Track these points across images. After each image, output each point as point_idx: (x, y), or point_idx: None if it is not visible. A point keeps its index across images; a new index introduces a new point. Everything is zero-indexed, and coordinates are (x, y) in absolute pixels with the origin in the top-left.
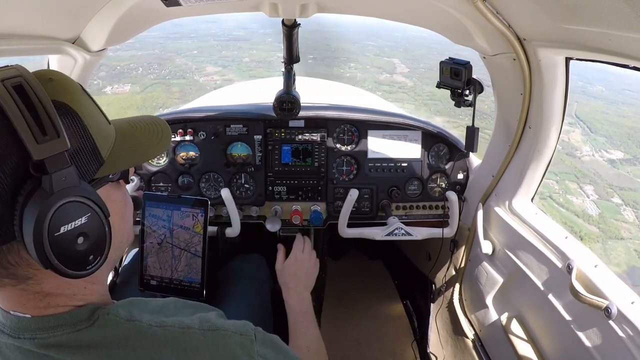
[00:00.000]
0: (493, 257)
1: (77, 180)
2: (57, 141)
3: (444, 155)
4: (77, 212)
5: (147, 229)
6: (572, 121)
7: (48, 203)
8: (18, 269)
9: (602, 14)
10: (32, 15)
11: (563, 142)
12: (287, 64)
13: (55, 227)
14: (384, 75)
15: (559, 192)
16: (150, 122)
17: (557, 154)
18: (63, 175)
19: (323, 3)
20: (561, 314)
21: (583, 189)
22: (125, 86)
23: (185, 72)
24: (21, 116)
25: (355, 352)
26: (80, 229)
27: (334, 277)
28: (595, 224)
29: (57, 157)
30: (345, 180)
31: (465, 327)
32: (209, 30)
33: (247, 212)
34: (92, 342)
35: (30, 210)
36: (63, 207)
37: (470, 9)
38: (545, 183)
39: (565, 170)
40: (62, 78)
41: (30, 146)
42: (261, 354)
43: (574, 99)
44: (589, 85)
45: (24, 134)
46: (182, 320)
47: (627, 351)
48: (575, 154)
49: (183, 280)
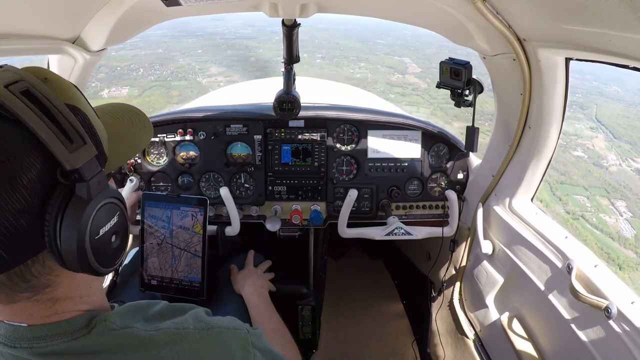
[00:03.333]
0: (493, 257)
1: (106, 182)
2: (86, 147)
3: (444, 155)
4: (111, 213)
5: (147, 229)
6: (594, 126)
7: (88, 210)
8: (40, 279)
9: (602, 14)
10: (32, 15)
11: (588, 150)
12: (287, 64)
13: (96, 231)
14: (395, 75)
15: (591, 211)
16: (125, 110)
17: (584, 164)
18: (97, 180)
19: (323, 3)
20: (561, 314)
21: (615, 205)
22: (123, 89)
23: (187, 73)
24: (44, 125)
25: (355, 352)
26: (115, 228)
27: (334, 277)
28: (632, 248)
29: (89, 163)
30: (345, 180)
31: (465, 327)
32: (215, 28)
33: (247, 211)
34: (91, 349)
35: (70, 218)
36: (101, 210)
37: (471, 9)
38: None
39: (594, 183)
40: (56, 77)
41: (62, 156)
42: (255, 346)
43: (592, 101)
44: (604, 85)
45: (52, 144)
46: (176, 322)
47: (627, 351)
48: (602, 163)
49: (183, 280)
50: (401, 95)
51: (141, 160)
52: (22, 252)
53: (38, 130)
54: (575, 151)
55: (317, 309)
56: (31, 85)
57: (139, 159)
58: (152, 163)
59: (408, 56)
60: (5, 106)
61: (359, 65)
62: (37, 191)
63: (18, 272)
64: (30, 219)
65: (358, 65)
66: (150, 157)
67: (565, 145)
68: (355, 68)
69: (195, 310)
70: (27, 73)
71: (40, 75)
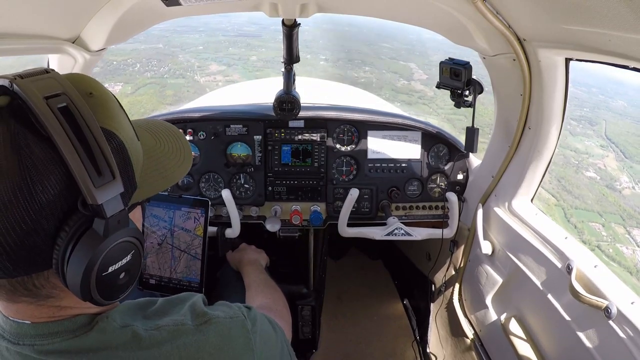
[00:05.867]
0: (493, 258)
1: (127, 220)
2: (113, 184)
3: (443, 156)
4: (124, 252)
5: (147, 230)
6: (604, 144)
7: (101, 247)
8: (42, 290)
9: (602, 14)
10: (32, 15)
11: (600, 171)
12: (287, 64)
13: (104, 268)
14: (401, 82)
15: (607, 240)
16: (170, 134)
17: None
18: (117, 218)
19: (323, 3)
20: (561, 314)
21: (631, 234)
22: (117, 86)
23: (186, 70)
24: (75, 152)
25: (355, 352)
26: (125, 267)
27: (334, 277)
28: None
29: (113, 200)
30: (345, 180)
31: (465, 327)
32: (219, 25)
33: (247, 212)
34: (92, 346)
35: (81, 251)
36: (114, 248)
37: (471, 9)
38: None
39: (608, 209)
40: (103, 92)
41: (86, 190)
42: (253, 331)
43: (601, 117)
44: (610, 99)
45: (79, 175)
46: (175, 318)
47: (627, 351)
48: (615, 186)
49: (182, 280)
50: (407, 104)
51: None
52: (26, 266)
53: (68, 155)
54: (587, 172)
55: (317, 309)
56: (71, 102)
57: None
58: None
59: (414, 62)
60: (41, 121)
61: (364, 69)
62: (54, 213)
63: (20, 281)
64: (41, 238)
65: (363, 69)
66: None
67: (578, 164)
68: (360, 72)
69: (192, 301)
70: (72, 85)
71: (86, 89)
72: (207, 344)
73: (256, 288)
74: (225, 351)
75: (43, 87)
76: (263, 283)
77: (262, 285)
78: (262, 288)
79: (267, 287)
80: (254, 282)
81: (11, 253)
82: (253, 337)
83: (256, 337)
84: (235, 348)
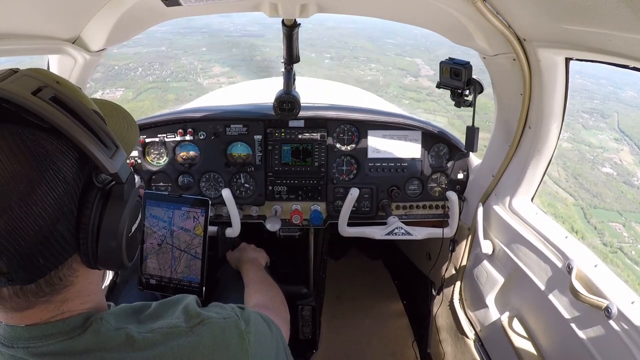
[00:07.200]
0: (493, 257)
1: (134, 181)
2: (119, 152)
3: (444, 155)
4: (137, 210)
5: (148, 230)
6: (618, 137)
7: (126, 210)
8: (63, 281)
9: (602, 14)
10: (32, 15)
11: (616, 166)
12: (287, 64)
13: (129, 229)
14: (408, 78)
15: (629, 242)
16: (111, 108)
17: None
18: (130, 181)
19: (323, 3)
20: (561, 314)
21: None
22: (118, 91)
23: (188, 73)
24: (83, 133)
25: (355, 352)
26: (139, 224)
27: (334, 277)
28: None
29: (124, 166)
30: (345, 180)
31: (465, 327)
32: (221, 25)
33: (247, 211)
34: (86, 347)
35: (109, 219)
36: (133, 208)
37: (470, 9)
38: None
39: (628, 207)
40: (64, 80)
41: (104, 162)
42: (248, 331)
43: (612, 109)
44: (619, 90)
45: (95, 151)
46: (169, 321)
47: (627, 351)
48: (633, 182)
49: (182, 280)
50: (416, 101)
51: (141, 161)
52: (57, 257)
53: (80, 138)
54: (603, 167)
55: (317, 309)
56: (57, 92)
57: (139, 159)
58: (152, 163)
59: (420, 57)
60: (41, 115)
61: (370, 66)
62: (72, 198)
63: (47, 278)
64: (67, 223)
65: (369, 66)
66: (150, 157)
67: (593, 160)
68: (366, 70)
69: (185, 303)
70: (44, 77)
71: (53, 78)
72: (200, 344)
73: (253, 286)
74: (219, 352)
75: (23, 85)
76: (260, 281)
77: (259, 283)
78: (259, 286)
79: (265, 284)
80: (252, 280)
81: (43, 249)
82: (247, 337)
83: (250, 336)
84: (229, 348)
